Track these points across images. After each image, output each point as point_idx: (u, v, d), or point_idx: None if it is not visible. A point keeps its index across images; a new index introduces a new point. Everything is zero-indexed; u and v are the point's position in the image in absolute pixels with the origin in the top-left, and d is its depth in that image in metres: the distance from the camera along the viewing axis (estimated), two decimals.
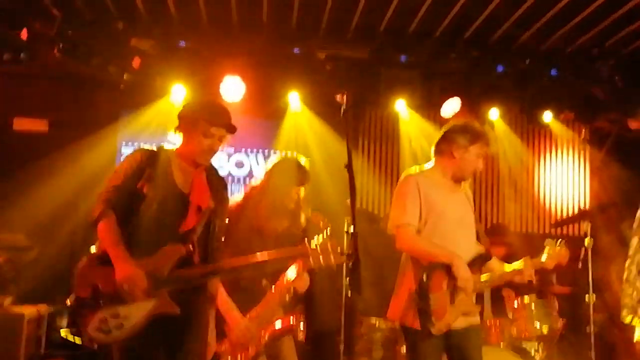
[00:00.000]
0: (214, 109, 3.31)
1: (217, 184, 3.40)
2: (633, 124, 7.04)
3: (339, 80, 6.41)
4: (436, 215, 3.79)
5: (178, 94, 6.43)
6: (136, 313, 3.01)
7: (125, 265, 2.99)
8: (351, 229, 3.10)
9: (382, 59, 6.63)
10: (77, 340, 3.03)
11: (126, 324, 2.99)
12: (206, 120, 3.22)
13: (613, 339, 5.71)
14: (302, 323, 4.13)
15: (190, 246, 3.17)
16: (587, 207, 7.46)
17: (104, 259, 3.05)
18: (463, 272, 3.64)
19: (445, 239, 3.76)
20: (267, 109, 6.84)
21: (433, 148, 3.98)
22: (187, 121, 3.28)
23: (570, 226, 6.91)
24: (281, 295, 3.82)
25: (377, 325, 5.42)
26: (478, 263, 3.87)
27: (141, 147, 3.38)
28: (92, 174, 6.13)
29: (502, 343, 5.03)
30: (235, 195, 3.99)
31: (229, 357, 3.80)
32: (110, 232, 3.07)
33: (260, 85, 6.42)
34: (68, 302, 3.04)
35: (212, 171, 3.43)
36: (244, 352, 3.78)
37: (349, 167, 3.03)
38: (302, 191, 3.98)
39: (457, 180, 3.92)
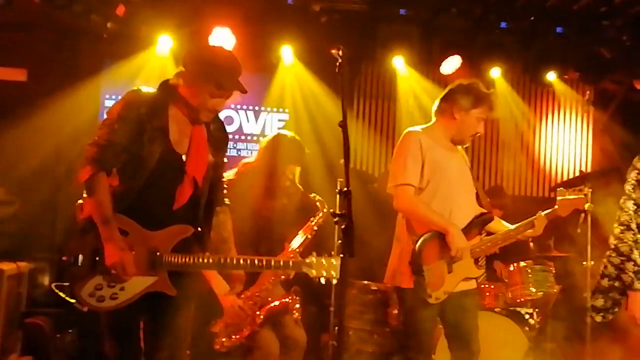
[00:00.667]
0: (227, 67, 3.00)
1: (218, 139, 3.17)
2: (639, 86, 6.88)
3: (335, 34, 6.20)
4: (439, 174, 3.70)
5: (165, 45, 6.23)
6: (133, 287, 2.92)
7: (114, 249, 2.85)
8: (344, 189, 2.89)
9: (381, 12, 6.43)
10: (68, 298, 2.93)
11: (121, 295, 2.90)
12: (217, 80, 2.96)
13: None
14: (298, 303, 4.12)
15: (199, 228, 3.05)
16: (589, 170, 7.32)
17: (95, 227, 2.90)
18: (457, 242, 3.58)
19: (447, 200, 3.69)
20: (258, 63, 6.60)
21: (435, 106, 3.87)
22: (194, 74, 3.00)
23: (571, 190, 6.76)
24: (276, 275, 3.81)
25: (368, 287, 5.35)
26: (479, 225, 3.80)
27: (139, 89, 3.03)
28: (74, 127, 5.99)
29: (497, 307, 5.00)
30: (227, 172, 3.86)
31: (224, 337, 3.85)
32: (101, 207, 2.87)
33: (252, 38, 6.20)
34: (64, 258, 2.91)
35: (215, 124, 3.17)
36: (239, 332, 3.82)
37: (344, 125, 2.85)
38: (298, 171, 4.00)
39: (456, 142, 3.85)
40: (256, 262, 3.08)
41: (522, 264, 5.13)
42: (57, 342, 5.35)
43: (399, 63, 6.67)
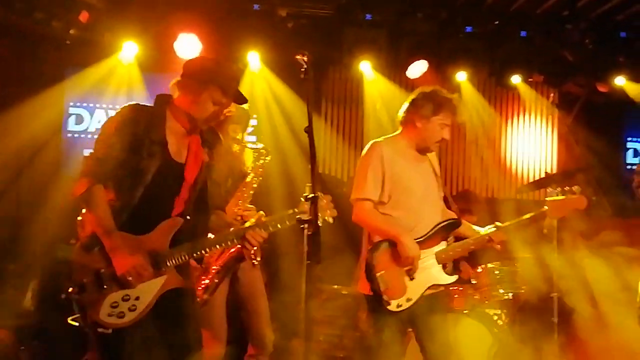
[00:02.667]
0: (230, 74, 3.07)
1: (211, 141, 3.19)
2: (602, 88, 6.98)
3: (301, 40, 6.22)
4: (401, 188, 3.72)
5: (129, 51, 6.16)
6: (147, 293, 2.93)
7: (123, 257, 2.86)
8: (311, 195, 2.88)
9: (347, 17, 6.45)
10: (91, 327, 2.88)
11: (139, 305, 2.91)
12: (219, 87, 2.98)
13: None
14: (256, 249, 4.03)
15: (188, 217, 3.04)
16: (554, 171, 7.41)
17: (99, 242, 2.89)
18: (407, 250, 3.58)
19: (409, 213, 3.71)
20: None
21: (399, 116, 3.87)
22: (196, 83, 3.01)
23: (537, 192, 6.84)
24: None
25: (338, 292, 5.35)
26: (443, 231, 3.79)
27: (136, 103, 3.05)
28: (37, 136, 5.89)
29: (465, 309, 5.00)
30: None
31: None
32: (101, 219, 2.88)
33: (218, 44, 6.16)
34: (70, 290, 2.86)
35: (207, 129, 3.21)
36: (197, 283, 3.81)
37: (310, 131, 2.83)
38: (238, 129, 3.99)
39: (422, 151, 3.84)
40: (250, 230, 3.06)
41: (489, 265, 5.14)
42: (22, 355, 5.23)
43: (366, 67, 6.68)
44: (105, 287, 2.86)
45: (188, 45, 6.03)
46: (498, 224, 3.88)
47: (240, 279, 4.13)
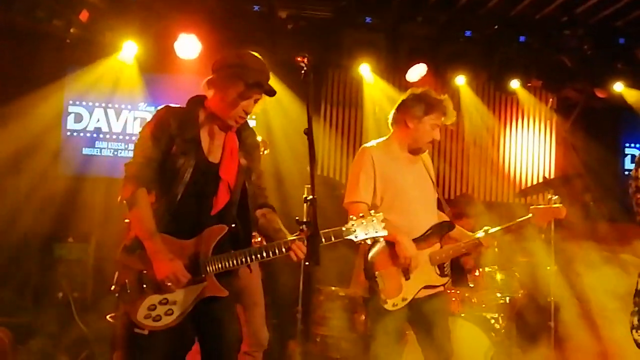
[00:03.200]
0: (256, 69, 3.00)
1: (250, 145, 3.16)
2: (600, 94, 7.00)
3: (301, 41, 6.22)
4: (393, 190, 3.75)
5: (129, 51, 6.16)
6: (185, 298, 2.93)
7: (164, 262, 2.88)
8: (310, 197, 2.89)
9: (347, 20, 6.45)
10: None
11: (175, 310, 2.92)
12: (246, 82, 2.96)
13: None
14: None
15: (233, 224, 3.03)
16: (552, 176, 7.42)
17: (142, 245, 2.93)
18: (404, 250, 3.62)
19: (403, 215, 3.73)
20: None
21: (390, 118, 3.91)
22: (224, 78, 2.99)
23: (534, 196, 6.85)
24: None
25: (336, 293, 5.35)
26: (437, 233, 3.82)
27: (168, 105, 3.06)
28: (37, 134, 5.87)
29: (462, 313, 4.99)
30: None
31: None
32: (143, 222, 2.92)
33: (218, 44, 6.16)
34: (112, 288, 2.94)
35: (246, 132, 3.17)
36: None
37: (309, 132, 2.85)
38: None
39: (414, 152, 3.87)
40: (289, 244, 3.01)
41: (487, 269, 5.18)
42: (21, 354, 5.23)
43: (365, 70, 6.69)
44: (145, 289, 2.88)
45: (188, 46, 6.04)
46: (486, 228, 3.94)
47: (238, 273, 4.12)
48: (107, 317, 3.01)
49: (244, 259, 2.98)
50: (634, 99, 6.84)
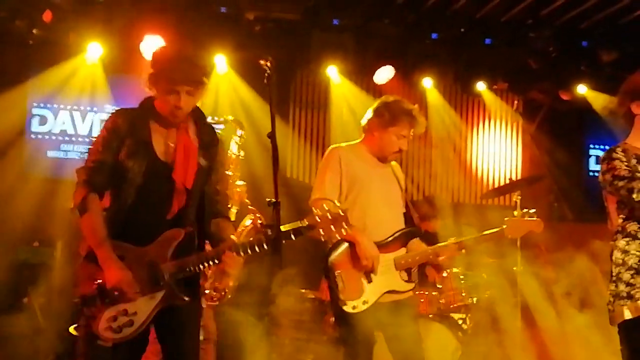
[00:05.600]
0: (173, 60, 2.92)
1: (208, 143, 3.08)
2: (565, 96, 7.10)
3: (268, 43, 6.20)
4: (358, 189, 3.76)
5: (94, 52, 6.10)
6: (144, 308, 2.86)
7: (112, 270, 2.81)
8: (273, 200, 2.87)
9: (314, 21, 6.46)
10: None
11: (136, 320, 2.85)
12: (166, 77, 2.89)
13: None
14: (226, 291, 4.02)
15: (190, 227, 2.97)
16: (518, 177, 7.49)
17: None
18: (364, 250, 3.61)
19: (367, 214, 3.73)
20: None
21: (362, 124, 3.94)
22: (152, 75, 2.94)
23: (501, 197, 6.93)
24: None
25: (305, 296, 5.35)
26: (402, 238, 3.81)
27: (121, 108, 3.03)
28: (0, 137, 5.74)
29: (430, 313, 5.04)
30: None
31: None
32: (94, 229, 2.86)
33: (184, 46, 6.06)
34: (75, 301, 2.89)
35: (205, 129, 3.09)
36: None
37: (272, 135, 2.82)
38: None
39: (380, 159, 3.88)
40: (256, 246, 2.93)
41: (454, 270, 5.19)
42: None
43: (333, 72, 6.70)
44: (105, 300, 2.82)
45: (154, 47, 5.97)
46: (452, 240, 3.90)
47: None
48: (70, 329, 2.96)
49: (198, 261, 2.92)
50: (596, 101, 6.94)
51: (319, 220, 2.88)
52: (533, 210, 4.07)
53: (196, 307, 3.06)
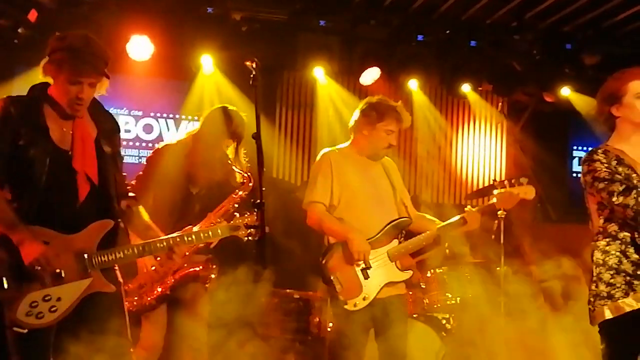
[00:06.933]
0: (78, 48, 2.81)
1: (109, 131, 3.03)
2: (549, 98, 7.16)
3: (255, 44, 6.18)
4: (349, 192, 3.88)
5: None
6: (69, 294, 2.80)
7: (31, 246, 2.73)
8: (258, 201, 2.90)
9: (301, 22, 6.49)
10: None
11: (60, 306, 2.78)
12: (70, 65, 2.79)
13: None
14: (213, 273, 4.05)
15: (118, 218, 2.96)
16: (502, 179, 7.53)
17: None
18: (356, 245, 3.70)
19: (360, 214, 3.85)
20: (177, 72, 6.54)
21: (350, 125, 4.08)
22: (52, 62, 2.82)
23: (485, 198, 6.96)
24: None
25: (290, 296, 5.37)
26: (393, 230, 3.89)
27: (9, 96, 2.90)
28: None
29: (414, 313, 5.08)
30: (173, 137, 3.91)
31: (135, 296, 3.83)
32: (1, 214, 2.77)
33: (171, 46, 6.11)
34: None
35: (103, 116, 3.03)
36: (150, 292, 3.82)
37: (257, 136, 2.84)
38: (232, 147, 3.96)
39: (371, 157, 4.01)
40: (186, 238, 3.00)
41: (438, 270, 5.23)
42: None
43: (319, 73, 6.72)
44: (24, 284, 2.73)
45: (140, 47, 5.96)
46: (455, 218, 3.98)
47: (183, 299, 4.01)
48: None
49: (129, 252, 2.93)
50: (580, 103, 7.01)
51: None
52: (523, 178, 4.04)
53: (119, 298, 3.00)
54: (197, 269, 3.91)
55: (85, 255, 2.84)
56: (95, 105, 3.02)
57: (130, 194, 3.16)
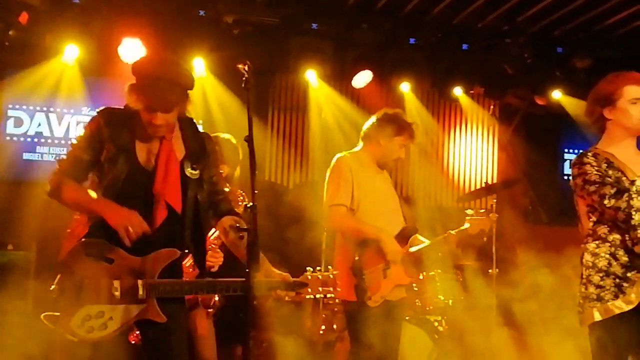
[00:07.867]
0: (155, 81, 2.79)
1: (198, 154, 2.97)
2: (540, 101, 7.19)
3: (247, 47, 6.20)
4: (367, 195, 4.02)
5: (71, 54, 6.04)
6: (121, 317, 2.83)
7: (118, 210, 2.75)
8: (250, 204, 2.88)
9: (293, 26, 6.51)
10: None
11: (110, 325, 2.81)
12: (143, 94, 2.79)
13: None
14: (214, 299, 4.03)
15: (186, 250, 2.93)
16: (494, 181, 7.57)
17: (90, 248, 2.80)
18: (391, 247, 3.89)
19: (377, 217, 4.00)
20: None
21: (362, 132, 4.19)
22: (130, 87, 2.83)
23: (477, 200, 6.98)
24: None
25: (283, 298, 5.36)
26: (404, 236, 4.07)
27: (107, 107, 2.92)
28: None
29: (406, 315, 5.03)
30: None
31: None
32: (81, 194, 2.83)
33: (162, 49, 6.07)
34: (51, 288, 2.82)
35: (187, 130, 2.98)
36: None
37: (250, 139, 2.82)
38: (226, 170, 3.95)
39: (381, 166, 4.17)
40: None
41: (430, 272, 5.22)
42: None
43: (312, 76, 6.73)
44: (82, 297, 2.77)
45: (132, 50, 5.94)
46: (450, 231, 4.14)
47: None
48: (42, 315, 2.90)
49: (188, 289, 2.93)
50: (571, 106, 7.05)
51: (310, 279, 2.98)
52: (482, 210, 4.36)
53: (174, 329, 2.95)
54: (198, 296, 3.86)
55: (142, 282, 2.82)
56: (187, 125, 3.00)
57: (234, 211, 3.07)
